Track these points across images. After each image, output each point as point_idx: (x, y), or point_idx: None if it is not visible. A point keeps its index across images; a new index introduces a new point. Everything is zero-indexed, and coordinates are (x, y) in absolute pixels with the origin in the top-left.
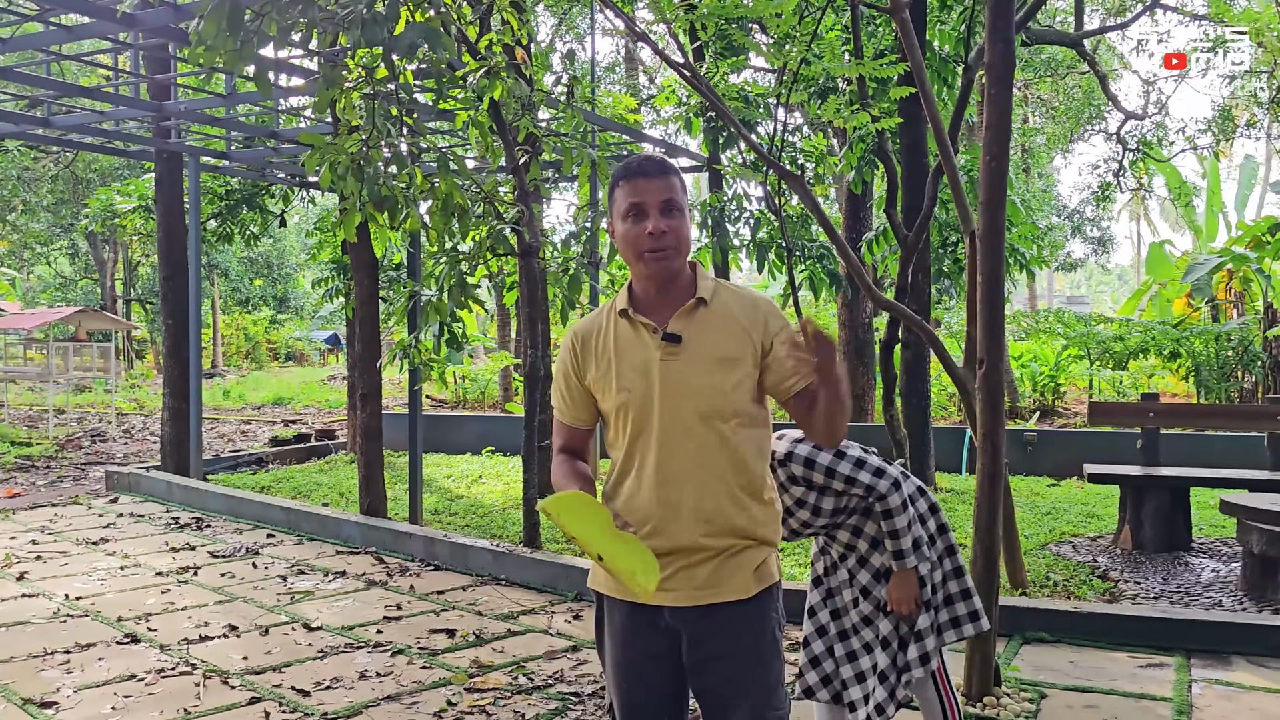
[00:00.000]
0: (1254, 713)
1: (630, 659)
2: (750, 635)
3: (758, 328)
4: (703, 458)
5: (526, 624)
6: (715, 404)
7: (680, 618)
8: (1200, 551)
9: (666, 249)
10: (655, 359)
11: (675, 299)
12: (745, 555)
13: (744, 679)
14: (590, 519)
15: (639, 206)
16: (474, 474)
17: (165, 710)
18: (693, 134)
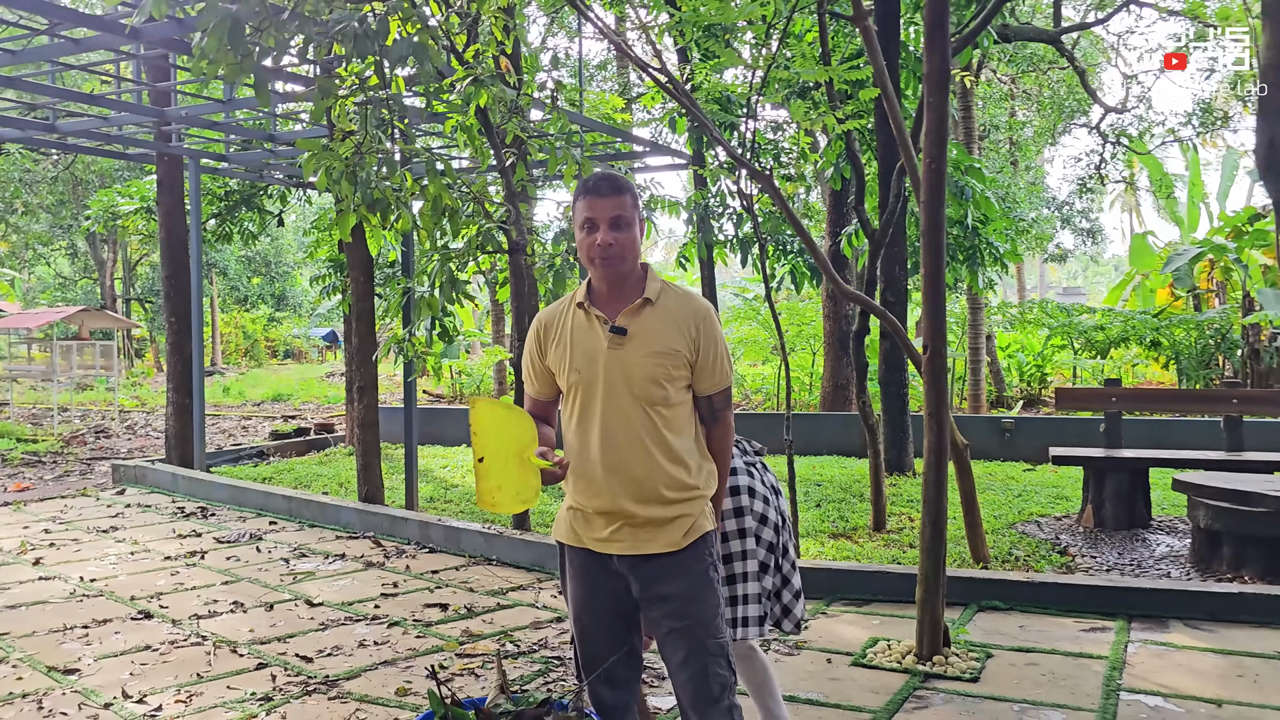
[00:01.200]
0: (1180, 668)
1: (588, 594)
2: (686, 578)
3: (691, 329)
4: (636, 434)
5: (515, 599)
6: (649, 390)
7: (626, 563)
8: (1158, 529)
9: (611, 257)
10: (603, 347)
11: (626, 296)
12: (676, 512)
13: (684, 613)
14: (505, 431)
15: (592, 221)
16: (468, 465)
17: (179, 676)
18: (677, 132)
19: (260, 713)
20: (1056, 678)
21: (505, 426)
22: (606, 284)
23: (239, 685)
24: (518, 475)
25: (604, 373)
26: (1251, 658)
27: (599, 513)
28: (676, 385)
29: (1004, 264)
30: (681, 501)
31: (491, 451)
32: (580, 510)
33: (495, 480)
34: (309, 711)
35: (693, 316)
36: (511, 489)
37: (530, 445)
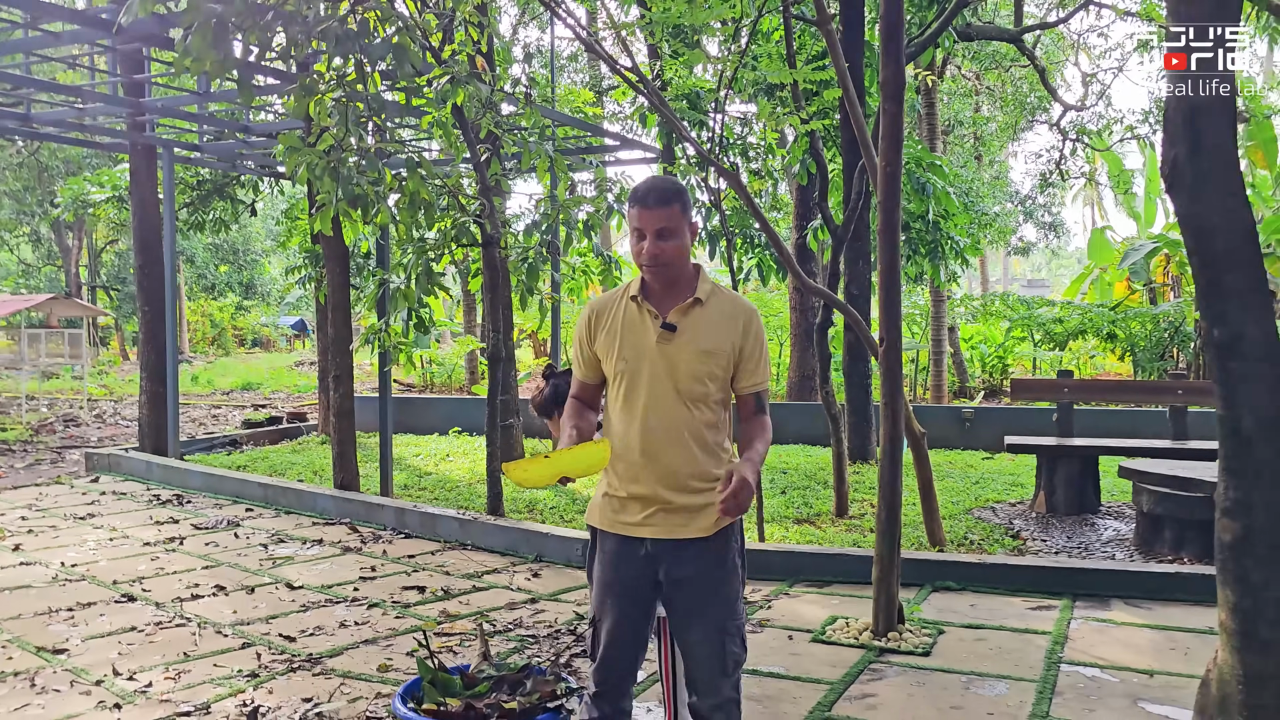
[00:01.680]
0: (1117, 642)
1: (615, 577)
2: (714, 562)
3: (737, 330)
4: (676, 425)
5: (490, 581)
6: (692, 386)
7: (660, 547)
8: (1106, 514)
9: (658, 265)
10: (652, 341)
11: (677, 295)
12: (706, 500)
13: (707, 596)
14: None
15: (640, 230)
16: (441, 453)
17: (166, 655)
18: (647, 127)
19: (248, 688)
20: (1003, 651)
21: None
22: (658, 284)
23: (225, 663)
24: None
25: (650, 365)
26: (1184, 633)
27: (634, 498)
28: (718, 382)
29: (965, 258)
30: (711, 491)
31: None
32: (615, 496)
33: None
34: (295, 686)
35: (740, 317)
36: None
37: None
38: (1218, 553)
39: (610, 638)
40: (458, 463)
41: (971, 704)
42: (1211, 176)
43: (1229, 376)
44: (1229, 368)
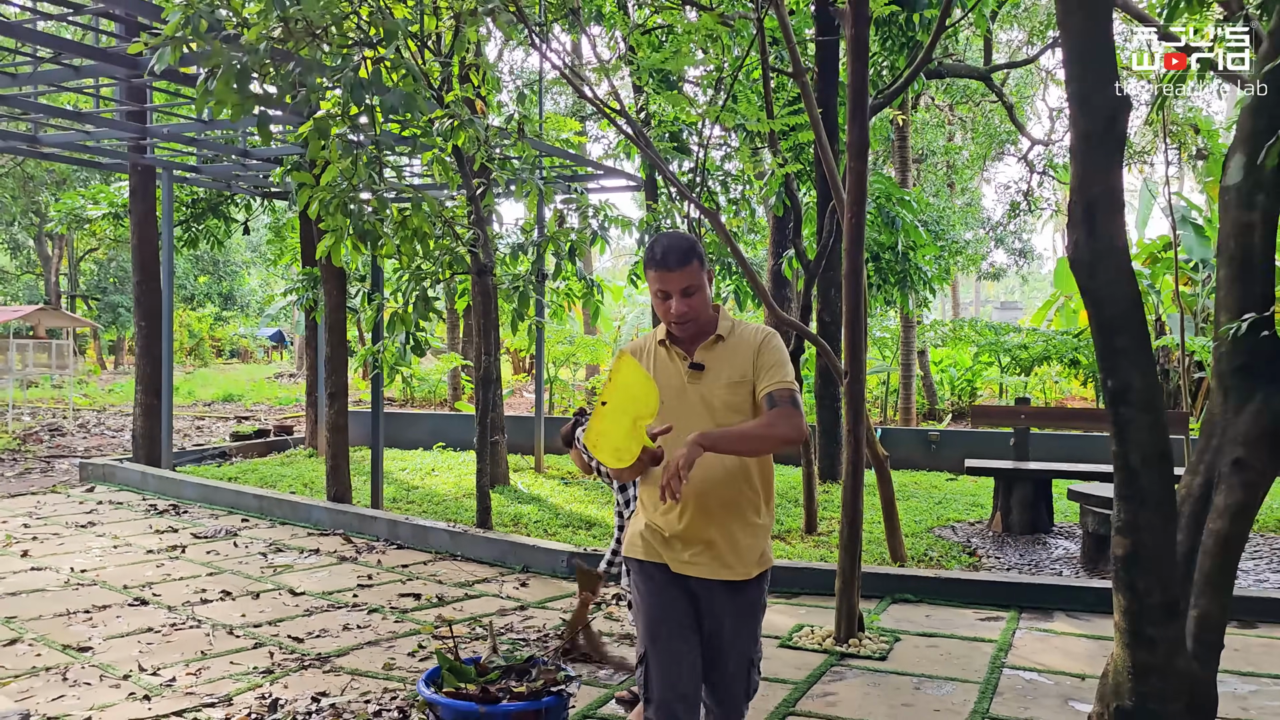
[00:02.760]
0: (1056, 650)
1: (665, 607)
2: (748, 603)
3: (753, 350)
4: (721, 460)
5: (481, 590)
6: (729, 418)
7: (702, 585)
8: (1058, 533)
9: (686, 322)
10: (684, 381)
11: (701, 335)
12: (749, 546)
13: (739, 632)
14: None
15: (664, 292)
16: (427, 467)
17: (185, 653)
18: (630, 158)
19: (264, 683)
20: (952, 657)
21: (635, 390)
22: (685, 333)
23: (241, 661)
24: (624, 434)
25: (686, 404)
26: None
27: (678, 537)
28: (746, 408)
29: (932, 287)
30: (756, 537)
31: (615, 403)
32: (659, 532)
33: (604, 426)
34: (308, 682)
35: (754, 339)
36: (612, 443)
37: (647, 416)
38: (1113, 565)
39: (664, 670)
40: (443, 477)
41: (921, 702)
42: (1104, 258)
43: (1119, 419)
44: (1120, 412)
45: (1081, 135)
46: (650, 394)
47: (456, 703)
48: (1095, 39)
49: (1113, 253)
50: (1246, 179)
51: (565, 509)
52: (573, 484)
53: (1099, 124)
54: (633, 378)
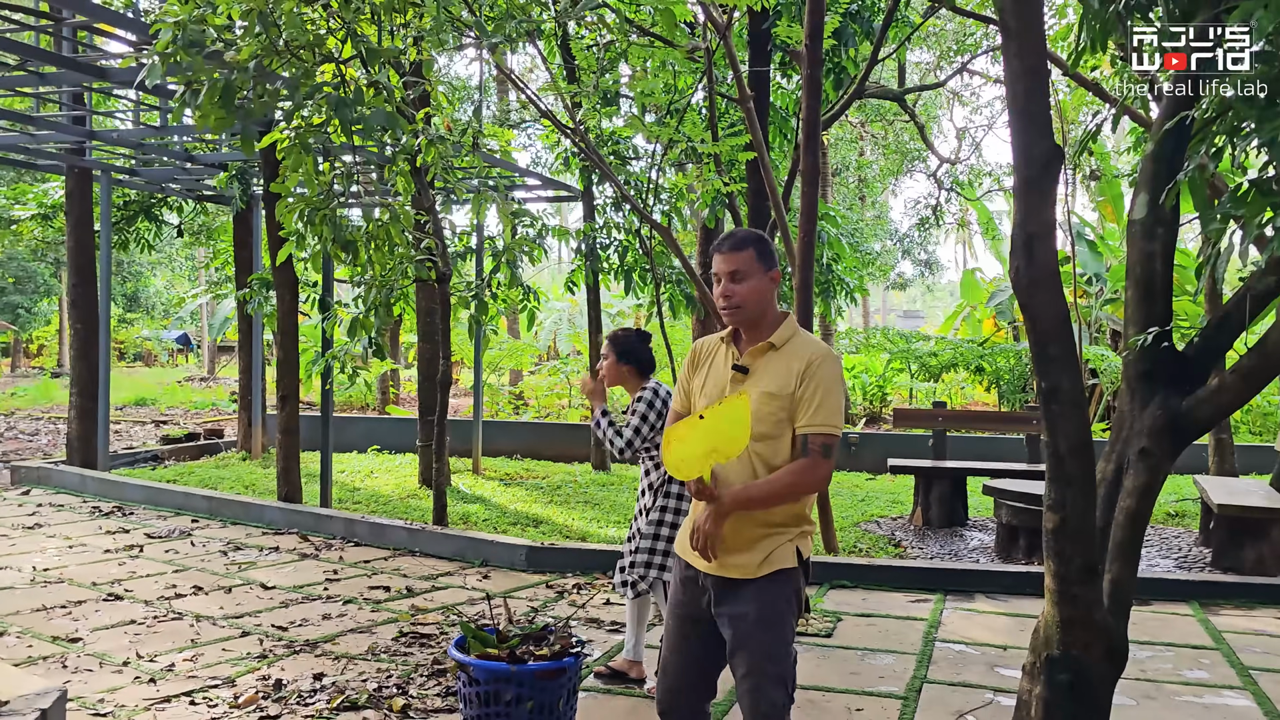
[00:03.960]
0: (980, 626)
1: (677, 602)
2: (754, 605)
3: (800, 368)
4: (739, 465)
5: (446, 582)
6: (759, 427)
7: (710, 581)
8: (973, 527)
9: (730, 306)
10: (728, 380)
11: (757, 338)
12: (759, 546)
13: (746, 635)
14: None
15: (717, 275)
16: (366, 469)
17: (175, 642)
18: (570, 170)
19: (261, 666)
20: (889, 634)
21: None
22: (736, 324)
23: (232, 648)
24: (695, 454)
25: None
26: (1030, 619)
27: (698, 529)
28: (784, 427)
29: (853, 296)
30: (766, 536)
31: (708, 425)
32: (688, 525)
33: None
34: (302, 665)
35: (806, 358)
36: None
37: (724, 455)
38: (1044, 536)
39: (664, 657)
40: (384, 479)
41: (866, 670)
42: (1040, 281)
43: (1050, 414)
44: (1050, 409)
45: (1023, 179)
46: (740, 436)
47: (490, 664)
48: (1036, 102)
49: (1047, 277)
50: (1149, 215)
51: (510, 508)
52: (513, 485)
53: (1036, 170)
54: (736, 415)
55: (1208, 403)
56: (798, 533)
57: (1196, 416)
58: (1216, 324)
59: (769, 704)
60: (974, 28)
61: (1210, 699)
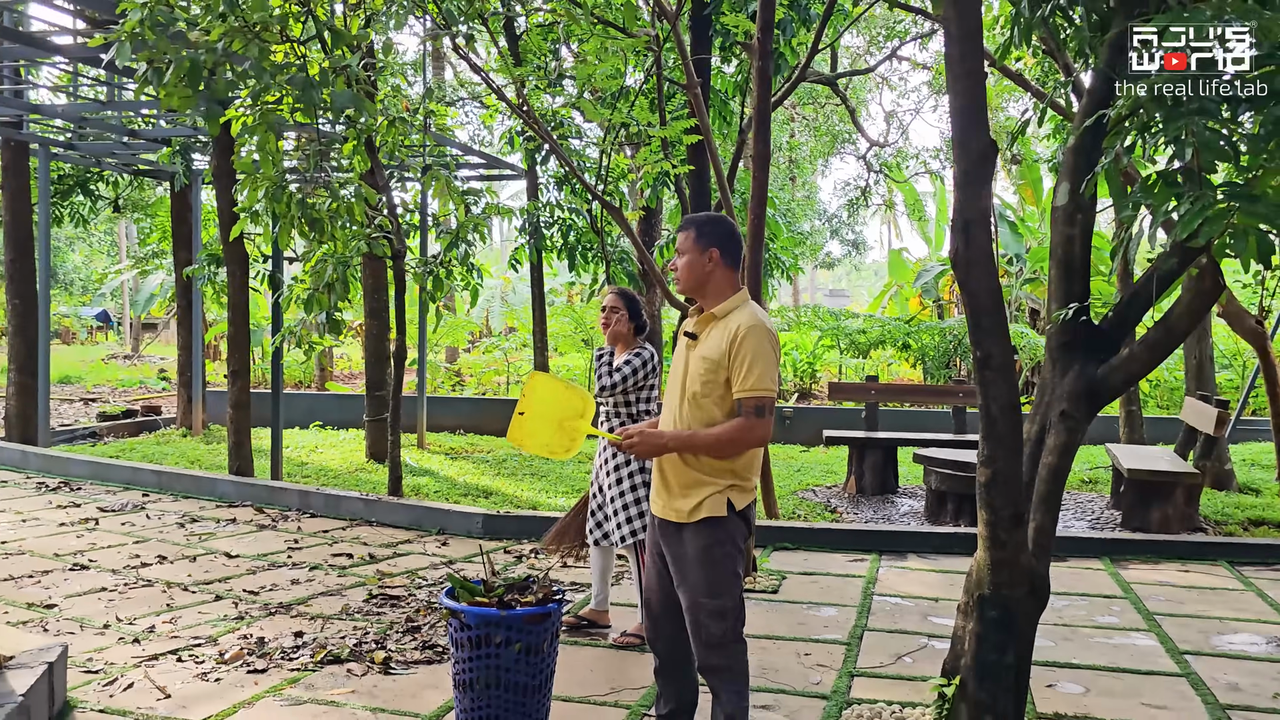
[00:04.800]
0: (913, 581)
1: (650, 541)
2: (689, 546)
3: (729, 340)
4: (681, 420)
5: (406, 549)
6: (695, 387)
7: (658, 523)
8: (904, 494)
9: (676, 280)
10: (685, 348)
11: (707, 308)
12: (691, 493)
13: (683, 574)
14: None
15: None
16: (311, 445)
17: (151, 606)
18: (515, 149)
19: (240, 626)
20: (831, 589)
21: (552, 398)
22: (689, 296)
23: (209, 610)
24: (549, 433)
25: (677, 368)
26: (959, 574)
27: (653, 480)
28: (714, 389)
29: (789, 275)
30: (697, 486)
31: (531, 411)
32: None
33: (527, 429)
34: (279, 625)
35: (735, 329)
36: (539, 440)
37: (573, 417)
38: (978, 488)
39: (645, 584)
40: (329, 454)
41: (812, 621)
42: (977, 262)
43: (984, 380)
44: (984, 374)
45: (962, 170)
46: (573, 399)
47: (481, 609)
48: (974, 99)
49: (983, 258)
50: (1069, 203)
51: (460, 480)
52: (459, 459)
53: (974, 162)
54: (548, 390)
55: (1119, 370)
56: (728, 485)
57: (1110, 383)
58: (1128, 301)
59: (708, 634)
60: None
61: (1119, 640)
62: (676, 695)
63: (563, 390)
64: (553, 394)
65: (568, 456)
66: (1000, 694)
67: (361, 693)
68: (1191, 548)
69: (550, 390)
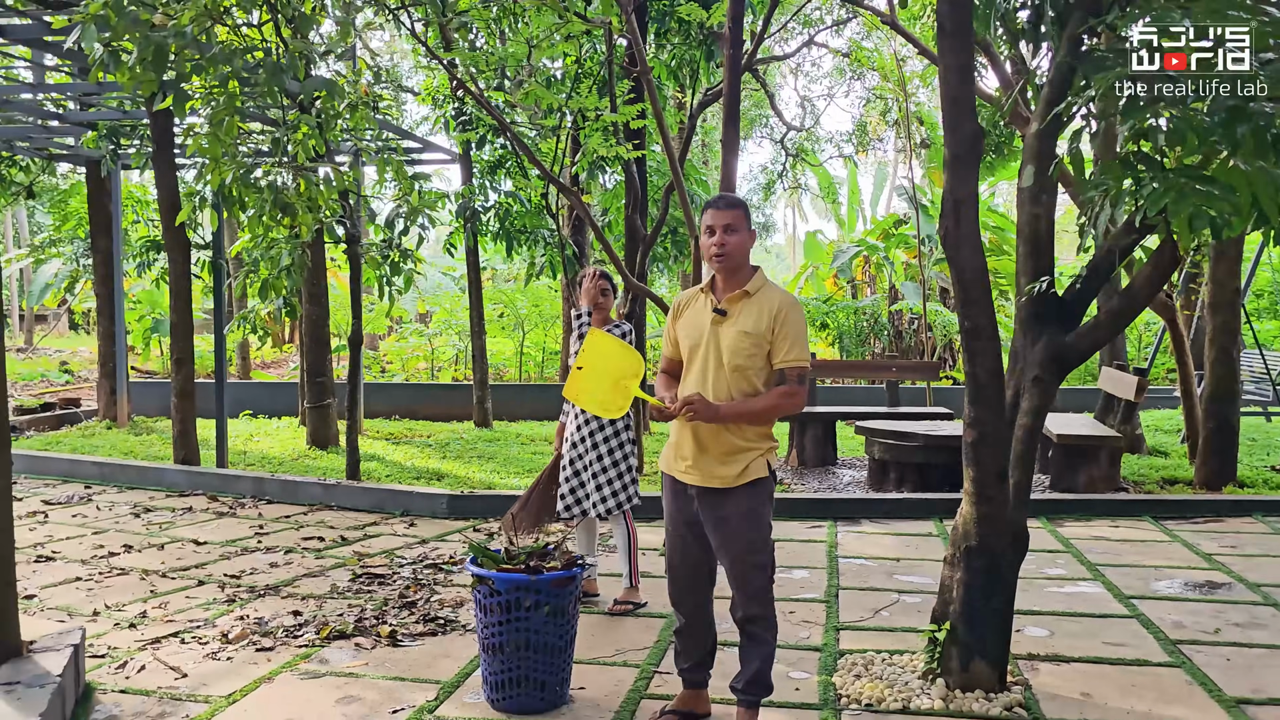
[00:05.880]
0: (871, 544)
1: (671, 513)
2: (735, 510)
3: (771, 315)
4: (719, 391)
5: (375, 531)
6: (734, 360)
7: (696, 490)
8: (844, 465)
9: (723, 255)
10: (708, 323)
11: (734, 287)
12: (736, 460)
13: (730, 537)
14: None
15: (711, 228)
16: (245, 434)
17: (135, 594)
18: (449, 133)
19: (234, 609)
20: (798, 553)
21: (610, 356)
22: (721, 277)
23: (196, 595)
24: (605, 391)
25: (705, 343)
26: (912, 536)
27: (682, 451)
28: (756, 360)
29: None
30: (741, 452)
31: (590, 366)
32: (673, 446)
33: (584, 385)
34: (273, 606)
35: (777, 306)
36: (595, 398)
37: (628, 377)
38: (964, 448)
39: (669, 554)
40: (266, 442)
41: (788, 583)
42: (966, 241)
43: (971, 349)
44: (972, 344)
45: (953, 154)
46: (628, 359)
47: (511, 575)
48: (965, 90)
49: (971, 236)
50: (1034, 184)
51: (409, 464)
52: (401, 443)
53: (964, 147)
54: (608, 348)
55: (1086, 337)
56: (767, 449)
57: (1078, 349)
58: (1088, 274)
59: (753, 587)
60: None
61: (1070, 589)
62: (699, 649)
63: (619, 350)
64: (610, 353)
65: (619, 415)
66: (988, 636)
67: (375, 664)
68: (1118, 505)
69: (609, 348)
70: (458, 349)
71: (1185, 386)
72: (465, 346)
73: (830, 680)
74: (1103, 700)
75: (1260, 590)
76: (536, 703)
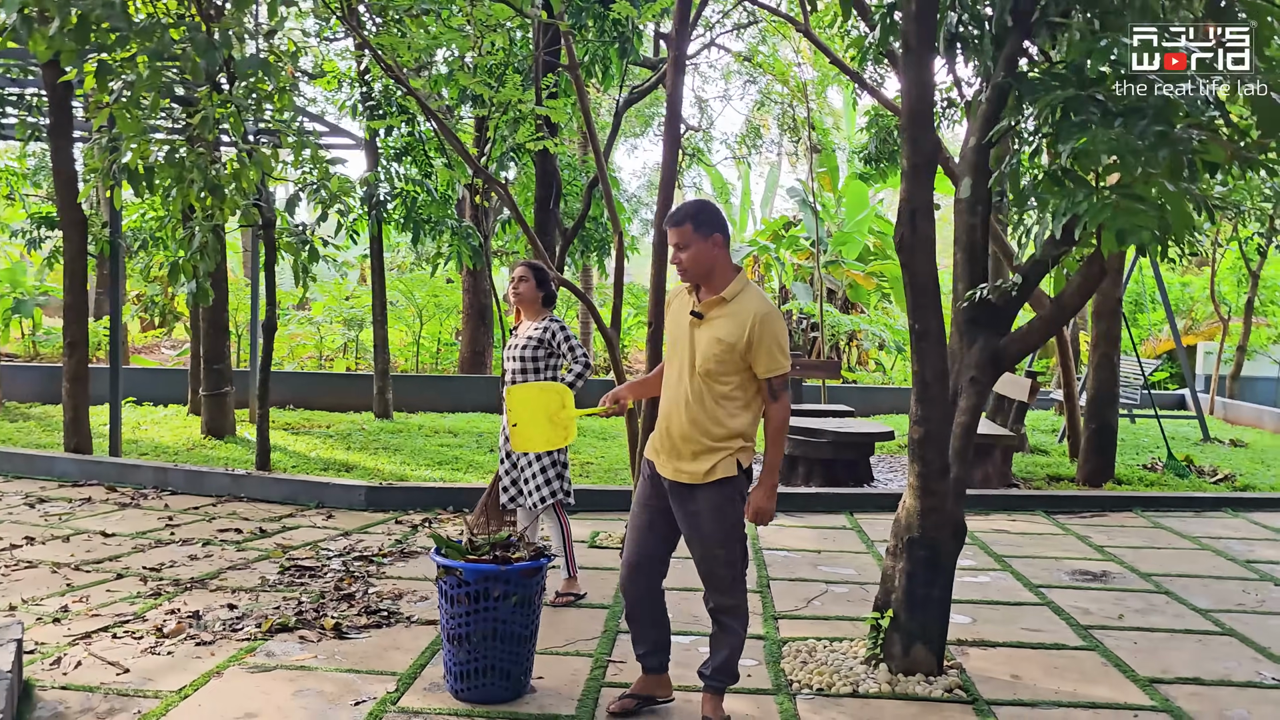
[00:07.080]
0: (791, 536)
1: (643, 497)
2: (702, 505)
3: (748, 325)
4: (685, 394)
5: (293, 524)
6: (705, 364)
7: (667, 483)
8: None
9: (684, 272)
10: (686, 324)
11: (711, 292)
12: (704, 458)
13: (697, 529)
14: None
15: (671, 246)
16: (133, 421)
17: (50, 587)
18: (355, 118)
19: (163, 602)
20: None
21: (532, 402)
22: (693, 283)
23: (118, 588)
24: (544, 429)
25: (681, 344)
26: (828, 529)
27: (657, 444)
28: (726, 368)
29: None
30: (709, 452)
31: (521, 419)
32: (654, 436)
33: (525, 434)
34: (204, 599)
35: (752, 315)
36: (542, 437)
37: (556, 409)
38: (910, 445)
39: (628, 538)
40: (156, 431)
41: None
42: (920, 246)
43: (920, 350)
44: (921, 345)
45: (911, 164)
46: (548, 395)
47: (480, 565)
48: (925, 104)
49: (925, 243)
50: (972, 195)
51: (312, 455)
52: (301, 434)
53: (923, 158)
54: (526, 395)
55: (1019, 341)
56: (738, 448)
57: (1009, 352)
58: (1020, 283)
59: (720, 580)
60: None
61: (983, 578)
62: (652, 638)
63: (537, 393)
64: (530, 399)
65: (571, 441)
66: (928, 623)
67: (325, 657)
68: (1013, 500)
69: (527, 395)
70: (348, 338)
71: (1068, 390)
72: (355, 335)
73: (780, 667)
74: (1032, 681)
75: (1151, 579)
76: (501, 692)
